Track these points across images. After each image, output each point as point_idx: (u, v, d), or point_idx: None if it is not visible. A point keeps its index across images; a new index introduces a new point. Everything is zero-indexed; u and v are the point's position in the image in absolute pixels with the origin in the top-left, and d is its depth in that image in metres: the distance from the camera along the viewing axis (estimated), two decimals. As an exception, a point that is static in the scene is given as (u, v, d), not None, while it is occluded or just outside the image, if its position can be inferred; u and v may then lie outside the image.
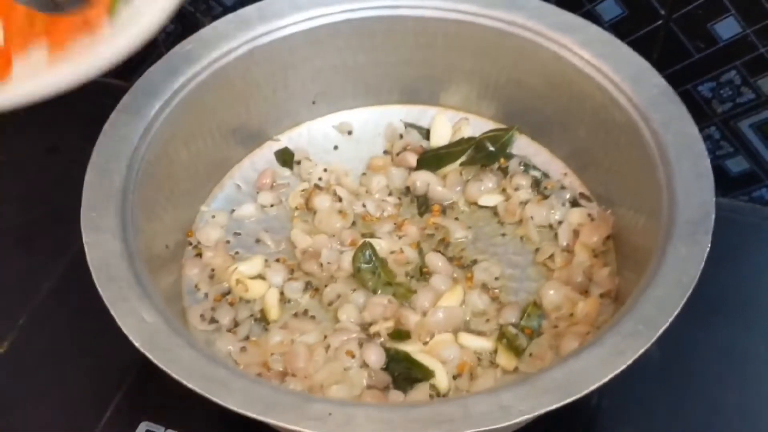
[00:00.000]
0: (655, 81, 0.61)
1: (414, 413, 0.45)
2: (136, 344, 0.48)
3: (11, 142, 0.82)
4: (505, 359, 0.58)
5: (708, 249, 0.51)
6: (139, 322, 0.49)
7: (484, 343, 0.59)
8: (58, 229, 0.71)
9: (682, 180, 0.54)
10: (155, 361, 0.47)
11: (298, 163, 0.71)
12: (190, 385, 0.45)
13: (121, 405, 0.62)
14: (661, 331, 0.47)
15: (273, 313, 0.61)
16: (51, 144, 0.82)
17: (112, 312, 0.49)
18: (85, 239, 0.53)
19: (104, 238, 0.53)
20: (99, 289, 0.50)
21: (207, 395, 0.45)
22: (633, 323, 0.47)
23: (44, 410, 0.63)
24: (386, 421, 0.44)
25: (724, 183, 0.77)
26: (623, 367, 0.46)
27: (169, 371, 0.46)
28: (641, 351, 0.46)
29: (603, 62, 0.62)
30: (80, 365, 0.65)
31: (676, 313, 0.47)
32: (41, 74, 0.51)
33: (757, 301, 0.68)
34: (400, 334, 0.59)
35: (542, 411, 0.44)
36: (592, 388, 0.45)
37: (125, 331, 0.48)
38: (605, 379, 0.45)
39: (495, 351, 0.59)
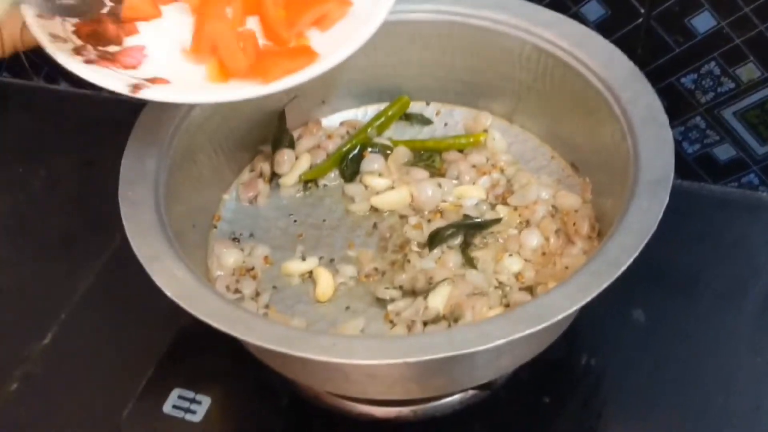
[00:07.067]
0: (625, 64, 0.65)
1: (406, 343, 0.50)
2: (168, 294, 0.52)
3: (51, 159, 0.89)
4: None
5: (666, 202, 0.54)
6: (170, 278, 0.53)
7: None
8: (94, 235, 0.79)
9: (647, 146, 0.59)
10: (185, 308, 0.51)
11: None
12: (215, 325, 0.50)
13: (155, 376, 0.68)
14: (622, 269, 0.51)
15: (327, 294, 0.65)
16: (87, 159, 0.87)
17: (148, 270, 0.53)
18: (122, 211, 0.57)
19: (139, 210, 0.57)
20: (135, 252, 0.54)
21: (231, 332, 0.50)
22: (598, 264, 0.52)
23: (86, 386, 0.70)
24: (381, 349, 0.49)
25: (714, 170, 0.80)
26: (587, 300, 0.50)
27: (197, 315, 0.51)
28: (604, 286, 0.50)
29: (578, 50, 0.66)
30: (117, 348, 0.72)
31: (635, 255, 0.51)
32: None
33: (742, 278, 0.72)
34: None
35: (516, 336, 0.48)
36: (560, 317, 0.49)
37: (159, 284, 0.52)
38: (571, 310, 0.50)
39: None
